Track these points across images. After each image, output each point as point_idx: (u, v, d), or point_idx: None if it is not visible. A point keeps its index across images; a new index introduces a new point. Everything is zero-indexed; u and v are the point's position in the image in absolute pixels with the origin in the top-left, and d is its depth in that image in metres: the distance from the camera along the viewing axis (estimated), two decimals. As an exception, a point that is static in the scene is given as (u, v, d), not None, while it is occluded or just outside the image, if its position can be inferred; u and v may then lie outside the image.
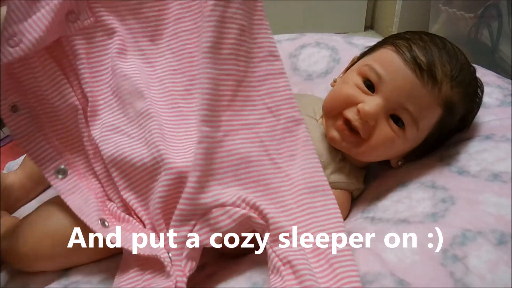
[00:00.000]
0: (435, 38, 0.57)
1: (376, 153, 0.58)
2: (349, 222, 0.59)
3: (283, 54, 0.87)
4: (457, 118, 0.59)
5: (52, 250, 0.52)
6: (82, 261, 0.55)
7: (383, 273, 0.45)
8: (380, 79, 0.56)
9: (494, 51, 1.11)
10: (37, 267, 0.54)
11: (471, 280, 0.42)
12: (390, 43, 0.57)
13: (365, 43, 0.84)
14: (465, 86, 0.57)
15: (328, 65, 0.84)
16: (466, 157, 0.58)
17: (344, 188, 0.60)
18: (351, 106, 0.57)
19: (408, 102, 0.54)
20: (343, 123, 0.57)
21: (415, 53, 0.54)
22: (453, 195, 0.52)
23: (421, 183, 0.57)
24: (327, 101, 0.61)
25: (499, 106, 0.66)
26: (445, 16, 1.24)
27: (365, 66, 0.58)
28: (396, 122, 0.56)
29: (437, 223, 0.49)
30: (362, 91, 0.57)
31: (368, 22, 1.71)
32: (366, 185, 0.65)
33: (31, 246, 0.52)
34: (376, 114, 0.55)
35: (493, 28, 1.11)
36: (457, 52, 0.57)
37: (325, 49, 0.86)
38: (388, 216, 0.54)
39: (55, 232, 0.52)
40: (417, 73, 0.54)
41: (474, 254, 0.44)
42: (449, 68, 0.55)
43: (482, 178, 0.53)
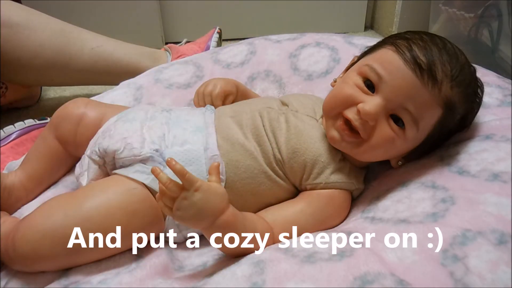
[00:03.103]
0: (435, 38, 0.57)
1: (376, 153, 0.58)
2: (349, 222, 0.59)
3: (283, 54, 0.88)
4: (457, 118, 0.59)
5: (53, 250, 0.52)
6: (83, 261, 0.55)
7: (383, 273, 0.45)
8: (380, 79, 0.56)
9: (494, 51, 1.10)
10: (38, 268, 0.54)
11: (471, 280, 0.42)
12: (390, 43, 0.57)
13: (365, 43, 0.85)
14: (465, 86, 0.57)
15: (328, 65, 0.84)
16: (466, 157, 0.58)
17: (344, 188, 0.60)
18: (351, 106, 0.57)
19: (408, 102, 0.54)
20: (343, 123, 0.57)
21: (415, 53, 0.54)
22: (453, 195, 0.52)
23: (421, 183, 0.57)
24: (327, 101, 0.61)
25: (499, 106, 0.66)
26: (445, 16, 1.24)
27: (365, 66, 0.58)
28: (396, 122, 0.56)
29: (437, 223, 0.49)
30: (362, 91, 0.57)
31: (368, 22, 1.71)
32: (366, 185, 0.65)
33: (32, 246, 0.52)
34: (376, 114, 0.55)
35: (493, 28, 1.11)
36: (457, 52, 0.57)
37: (325, 49, 0.86)
38: (388, 216, 0.54)
39: (55, 232, 0.52)
40: (417, 73, 0.54)
41: (474, 254, 0.44)
42: (449, 68, 0.55)
43: (482, 178, 0.53)
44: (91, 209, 0.54)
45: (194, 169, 0.58)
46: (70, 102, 0.68)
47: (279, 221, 0.57)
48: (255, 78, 0.87)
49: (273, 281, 0.46)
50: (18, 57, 0.94)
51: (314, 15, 1.60)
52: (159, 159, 0.58)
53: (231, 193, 0.53)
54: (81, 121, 0.66)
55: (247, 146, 0.60)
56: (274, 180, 0.60)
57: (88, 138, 0.65)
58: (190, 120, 0.63)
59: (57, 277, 0.54)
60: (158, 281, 0.52)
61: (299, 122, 0.62)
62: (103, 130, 0.63)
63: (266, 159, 0.60)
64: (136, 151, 0.58)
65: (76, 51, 0.99)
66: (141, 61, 1.05)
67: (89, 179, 0.61)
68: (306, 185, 0.60)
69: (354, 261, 0.47)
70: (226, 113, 0.65)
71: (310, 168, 0.59)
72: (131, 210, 0.55)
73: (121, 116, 0.65)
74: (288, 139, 0.60)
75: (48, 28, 0.96)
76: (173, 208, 0.49)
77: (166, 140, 0.60)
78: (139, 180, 0.57)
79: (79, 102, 0.68)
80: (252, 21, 1.57)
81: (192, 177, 0.48)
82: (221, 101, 0.71)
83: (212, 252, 0.58)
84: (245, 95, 0.75)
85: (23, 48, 0.93)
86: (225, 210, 0.50)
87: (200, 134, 0.61)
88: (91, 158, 0.61)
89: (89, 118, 0.66)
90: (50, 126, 0.68)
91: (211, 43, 1.12)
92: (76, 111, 0.67)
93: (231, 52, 0.91)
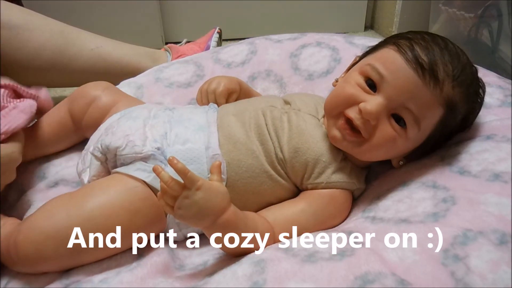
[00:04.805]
0: (437, 38, 0.57)
1: (377, 152, 0.58)
2: (350, 221, 0.59)
3: (284, 54, 0.88)
4: (459, 118, 0.59)
5: (56, 251, 0.52)
6: (86, 261, 0.54)
7: (384, 272, 0.45)
8: (382, 78, 0.56)
9: (494, 51, 1.11)
10: (40, 269, 0.54)
11: (472, 280, 0.42)
12: (392, 43, 0.57)
13: (366, 43, 0.85)
14: (466, 86, 0.57)
15: (329, 65, 0.84)
16: (467, 157, 0.58)
17: (345, 188, 0.60)
18: (352, 105, 0.57)
19: (409, 102, 0.54)
20: (345, 122, 0.57)
21: (417, 53, 0.54)
22: (454, 195, 0.52)
23: (422, 183, 0.57)
24: (328, 100, 0.61)
25: (500, 107, 0.66)
26: (445, 16, 1.24)
27: (367, 66, 0.58)
28: (397, 121, 0.56)
29: (438, 223, 0.49)
30: (364, 91, 0.57)
31: (368, 22, 1.71)
32: (367, 184, 0.65)
33: (35, 248, 0.52)
34: (377, 114, 0.55)
35: (493, 28, 1.11)
36: (459, 52, 0.58)
37: (326, 49, 0.86)
38: (389, 215, 0.54)
39: (58, 233, 0.52)
40: (419, 72, 0.54)
41: (475, 254, 0.44)
42: (451, 68, 0.55)
43: (483, 178, 0.53)
44: (93, 209, 0.54)
45: (195, 168, 0.58)
46: (92, 83, 0.72)
47: (280, 221, 0.57)
48: (255, 78, 0.87)
49: (274, 280, 0.46)
50: (18, 58, 0.94)
51: (314, 15, 1.60)
52: (160, 157, 0.58)
53: (232, 192, 0.53)
54: (93, 102, 0.69)
55: (249, 145, 0.60)
56: (275, 179, 0.60)
57: (95, 120, 0.68)
58: (192, 119, 0.63)
59: (58, 276, 0.54)
60: (159, 280, 0.52)
61: (301, 121, 0.62)
62: (106, 127, 0.64)
63: (268, 158, 0.60)
64: (138, 148, 0.58)
65: (76, 52, 0.99)
66: (141, 61, 1.05)
67: (91, 176, 0.61)
68: (307, 185, 0.60)
69: (355, 261, 0.47)
70: (229, 112, 0.65)
71: (311, 168, 0.59)
72: (133, 209, 0.55)
73: (125, 114, 0.65)
74: (290, 138, 0.60)
75: (47, 30, 0.96)
76: (175, 207, 0.49)
77: (168, 138, 0.60)
78: (140, 178, 0.57)
79: (99, 85, 0.72)
80: (252, 21, 1.57)
81: (194, 176, 0.48)
82: (224, 99, 0.71)
83: (212, 251, 0.58)
84: (248, 93, 0.75)
85: (23, 50, 0.93)
86: (226, 209, 0.50)
87: (202, 133, 0.61)
88: (94, 155, 0.61)
89: (101, 101, 0.69)
90: (68, 99, 0.72)
91: (211, 43, 1.12)
92: (93, 92, 0.70)
93: (232, 51, 0.91)
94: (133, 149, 0.58)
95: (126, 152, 0.59)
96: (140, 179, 0.57)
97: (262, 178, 0.60)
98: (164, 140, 0.60)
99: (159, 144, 0.59)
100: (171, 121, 0.63)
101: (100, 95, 0.70)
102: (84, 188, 0.59)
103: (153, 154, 0.58)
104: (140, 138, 0.59)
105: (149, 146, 0.59)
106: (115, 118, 0.65)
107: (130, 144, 0.59)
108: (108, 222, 0.53)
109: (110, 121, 0.65)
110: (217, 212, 0.50)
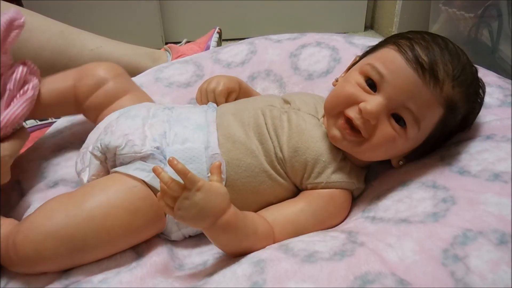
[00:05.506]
0: (437, 38, 0.57)
1: (377, 152, 0.58)
2: (350, 221, 0.59)
3: (283, 54, 0.88)
4: (459, 118, 0.59)
5: (56, 251, 0.52)
6: (85, 261, 0.54)
7: (383, 272, 0.45)
8: (382, 78, 0.56)
9: (494, 51, 1.11)
10: (40, 269, 0.53)
11: (472, 280, 0.42)
12: (392, 43, 0.57)
13: (365, 43, 0.85)
14: (466, 86, 0.57)
15: (329, 65, 0.84)
16: (467, 157, 0.58)
17: (345, 188, 0.60)
18: (352, 105, 0.57)
19: (409, 101, 0.54)
20: (345, 122, 0.57)
21: (417, 53, 0.54)
22: (454, 195, 0.52)
23: (422, 183, 0.57)
24: (328, 100, 0.61)
25: (500, 107, 0.66)
26: (445, 16, 1.25)
27: (367, 65, 0.58)
28: (397, 121, 0.56)
29: (438, 223, 0.49)
30: (364, 90, 0.57)
31: (368, 22, 1.71)
32: (367, 184, 0.65)
33: (35, 248, 0.51)
34: (377, 113, 0.55)
35: (493, 28, 1.11)
36: (459, 52, 0.58)
37: (326, 49, 0.86)
38: (388, 215, 0.54)
39: (58, 233, 0.52)
40: (419, 72, 0.54)
41: (475, 254, 0.44)
42: (451, 68, 0.55)
43: (483, 178, 0.53)
44: (92, 209, 0.53)
45: (194, 168, 0.58)
46: (107, 64, 0.70)
47: (280, 221, 0.57)
48: (255, 78, 0.87)
49: (274, 280, 0.46)
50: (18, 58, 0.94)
51: (314, 15, 1.60)
52: (159, 156, 0.58)
53: (231, 192, 0.53)
54: (102, 86, 0.67)
55: (249, 145, 0.60)
56: (275, 179, 0.60)
57: (99, 104, 0.67)
58: (192, 118, 0.63)
59: (57, 276, 0.53)
60: (159, 280, 0.52)
61: (300, 120, 0.62)
62: (105, 126, 0.63)
63: (268, 158, 0.60)
64: (137, 148, 0.58)
65: (76, 53, 0.99)
66: (141, 62, 1.05)
67: (90, 175, 0.61)
68: (307, 185, 0.60)
69: (355, 261, 0.47)
70: (228, 111, 0.65)
71: (311, 167, 0.59)
72: (132, 208, 0.55)
73: (123, 112, 0.65)
74: (290, 137, 0.60)
75: (48, 30, 0.96)
76: (174, 207, 0.49)
77: (167, 137, 0.60)
78: (139, 177, 0.57)
79: (112, 68, 0.69)
80: (252, 21, 1.57)
81: (194, 177, 0.48)
82: (224, 98, 0.71)
83: (212, 251, 0.58)
84: (248, 93, 0.75)
85: (22, 50, 0.93)
86: (226, 210, 0.50)
87: (201, 132, 0.61)
88: (93, 154, 0.61)
89: (110, 88, 0.68)
90: (77, 72, 0.69)
91: (211, 43, 1.12)
92: (104, 75, 0.68)
93: (232, 51, 0.91)
94: (133, 148, 0.58)
95: (125, 152, 0.59)
96: (140, 178, 0.57)
97: (261, 177, 0.60)
98: (163, 140, 0.60)
99: (158, 144, 0.59)
100: (170, 121, 0.63)
101: (111, 80, 0.68)
102: (83, 187, 0.59)
103: (152, 153, 0.58)
104: (139, 137, 0.59)
105: (148, 146, 0.59)
106: (114, 117, 0.64)
107: (129, 143, 0.59)
108: (108, 222, 0.53)
109: (109, 120, 0.64)
110: (217, 213, 0.50)
